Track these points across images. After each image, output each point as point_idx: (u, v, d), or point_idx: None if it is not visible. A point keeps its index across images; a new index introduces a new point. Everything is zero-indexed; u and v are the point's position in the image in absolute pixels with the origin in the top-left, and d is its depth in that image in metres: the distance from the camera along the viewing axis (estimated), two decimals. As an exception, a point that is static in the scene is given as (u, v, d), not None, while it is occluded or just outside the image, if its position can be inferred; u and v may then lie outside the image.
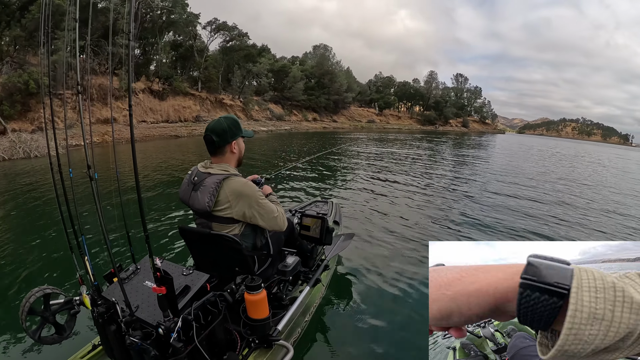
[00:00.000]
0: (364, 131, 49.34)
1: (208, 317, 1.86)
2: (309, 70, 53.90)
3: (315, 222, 2.99)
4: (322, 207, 4.42)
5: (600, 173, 18.89)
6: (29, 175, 9.34)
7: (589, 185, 12.96)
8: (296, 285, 2.80)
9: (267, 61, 44.06)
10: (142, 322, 1.74)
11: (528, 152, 32.28)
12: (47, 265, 3.68)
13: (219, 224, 2.10)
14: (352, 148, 19.29)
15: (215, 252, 2.22)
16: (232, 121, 2.17)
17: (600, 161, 29.81)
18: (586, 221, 7.54)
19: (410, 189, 9.46)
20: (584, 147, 60.05)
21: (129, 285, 1.95)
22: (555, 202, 9.26)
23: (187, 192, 2.16)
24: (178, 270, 1.97)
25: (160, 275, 1.56)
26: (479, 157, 20.11)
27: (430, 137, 41.94)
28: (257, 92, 43.12)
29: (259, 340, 2.03)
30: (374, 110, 72.33)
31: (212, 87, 36.60)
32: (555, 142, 73.70)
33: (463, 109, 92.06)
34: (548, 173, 15.84)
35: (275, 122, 40.79)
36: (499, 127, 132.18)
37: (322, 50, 59.82)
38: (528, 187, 11.07)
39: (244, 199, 2.05)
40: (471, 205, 7.90)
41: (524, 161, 21.09)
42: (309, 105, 51.11)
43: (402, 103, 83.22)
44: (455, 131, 76.91)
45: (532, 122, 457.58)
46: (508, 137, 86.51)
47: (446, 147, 26.49)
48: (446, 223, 6.43)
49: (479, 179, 12.12)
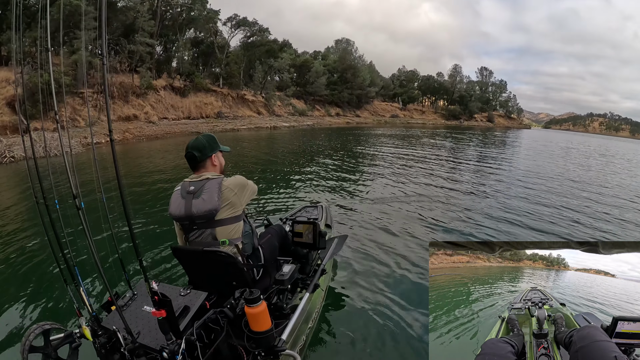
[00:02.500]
0: (388, 126, 48.68)
1: (211, 335, 1.87)
2: (332, 65, 53.50)
3: (307, 227, 2.99)
4: (312, 212, 4.44)
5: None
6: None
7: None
8: (295, 292, 2.76)
9: (289, 56, 43.90)
10: (145, 348, 1.74)
11: (566, 153, 27.73)
12: (42, 299, 3.52)
13: (223, 226, 2.17)
14: (372, 149, 18.37)
15: (211, 269, 2.24)
16: (210, 137, 2.34)
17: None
18: None
19: (430, 190, 8.89)
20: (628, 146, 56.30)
21: (127, 312, 1.95)
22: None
23: (184, 203, 2.18)
24: (175, 292, 1.99)
25: (158, 298, 1.55)
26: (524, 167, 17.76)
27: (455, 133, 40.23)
28: (279, 87, 43.04)
29: (264, 352, 1.98)
30: (397, 105, 71.50)
31: (233, 83, 36.41)
32: (585, 139, 70.69)
33: (488, 104, 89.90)
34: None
35: (298, 118, 40.48)
36: (524, 122, 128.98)
37: (345, 44, 59.38)
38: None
39: (243, 187, 2.25)
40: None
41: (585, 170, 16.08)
42: (331, 100, 50.92)
43: (426, 97, 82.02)
44: (481, 126, 75.14)
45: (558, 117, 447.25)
46: (535, 133, 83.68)
47: (473, 149, 24.49)
48: (452, 224, 6.21)
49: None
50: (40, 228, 3.38)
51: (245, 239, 2.30)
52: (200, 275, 2.40)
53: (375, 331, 3.13)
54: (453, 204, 7.53)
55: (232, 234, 2.19)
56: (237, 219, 2.20)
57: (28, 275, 3.98)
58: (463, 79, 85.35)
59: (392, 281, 3.99)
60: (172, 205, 2.25)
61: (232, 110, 33.10)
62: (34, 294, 3.61)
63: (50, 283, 3.77)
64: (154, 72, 29.01)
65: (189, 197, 2.17)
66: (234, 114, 32.95)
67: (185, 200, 2.18)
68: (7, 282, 3.83)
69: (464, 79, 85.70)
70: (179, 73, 32.08)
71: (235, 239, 2.21)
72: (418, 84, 78.94)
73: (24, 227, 5.45)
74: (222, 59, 36.22)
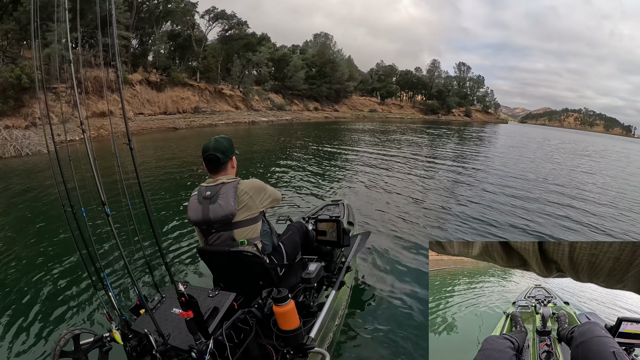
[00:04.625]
0: (366, 121, 48.84)
1: (240, 335, 1.89)
2: (310, 59, 53.27)
3: (330, 225, 3.00)
4: (334, 210, 4.43)
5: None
6: (24, 179, 8.90)
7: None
8: (321, 290, 2.77)
9: (267, 50, 43.38)
10: (176, 350, 1.76)
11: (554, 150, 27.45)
12: (72, 304, 3.58)
13: (240, 228, 2.21)
14: (350, 146, 18.46)
15: (237, 269, 2.28)
16: (229, 140, 2.38)
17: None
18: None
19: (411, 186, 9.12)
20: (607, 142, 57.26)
21: (157, 315, 1.96)
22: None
23: (201, 208, 2.22)
24: (204, 293, 2.02)
25: (185, 299, 1.58)
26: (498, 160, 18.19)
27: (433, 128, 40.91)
28: (257, 81, 42.54)
29: (293, 351, 2.00)
30: (376, 100, 71.70)
31: (211, 77, 36.03)
32: (563, 134, 72.02)
33: (466, 98, 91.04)
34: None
35: (276, 112, 40.29)
36: (501, 116, 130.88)
37: (323, 38, 59.36)
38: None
39: (259, 190, 2.27)
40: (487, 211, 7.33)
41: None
42: (310, 94, 50.71)
43: (404, 92, 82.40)
44: (458, 121, 76.15)
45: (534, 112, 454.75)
46: (512, 127, 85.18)
47: (451, 144, 25.06)
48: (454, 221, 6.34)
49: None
50: (67, 233, 3.51)
51: (264, 239, 2.34)
52: (226, 276, 2.43)
53: (403, 325, 3.17)
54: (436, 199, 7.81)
55: (250, 234, 2.23)
56: (254, 220, 2.24)
57: (57, 281, 3.99)
58: (441, 74, 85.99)
59: (408, 277, 4.06)
60: (190, 211, 2.29)
61: (209, 105, 32.79)
62: (64, 299, 3.65)
63: (80, 288, 3.81)
64: (129, 66, 28.52)
65: (205, 203, 2.21)
66: (212, 109, 32.62)
67: (202, 205, 2.21)
68: (37, 289, 3.84)
69: (442, 74, 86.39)
70: (155, 67, 31.60)
71: (254, 239, 2.25)
72: (396, 78, 79.34)
73: (50, 232, 5.33)
74: (199, 53, 35.78)
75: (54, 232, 5.27)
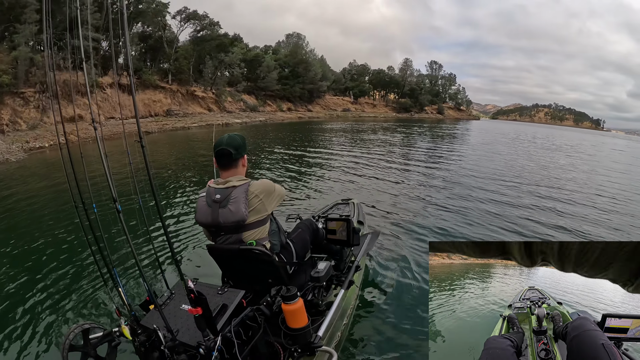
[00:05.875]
0: (340, 120, 48.99)
1: (248, 332, 1.91)
2: (283, 60, 53.29)
3: (340, 224, 2.98)
4: (344, 209, 4.41)
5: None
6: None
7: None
8: (330, 289, 2.78)
9: (240, 51, 43.27)
10: (185, 346, 1.77)
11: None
12: (82, 299, 3.62)
13: (249, 231, 2.19)
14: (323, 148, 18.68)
15: (247, 267, 2.28)
16: (243, 137, 2.35)
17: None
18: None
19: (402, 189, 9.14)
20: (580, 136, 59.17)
21: (166, 311, 1.96)
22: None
23: (210, 212, 2.19)
24: (213, 290, 2.02)
25: (194, 296, 1.59)
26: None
27: (406, 126, 41.69)
28: (229, 83, 42.29)
29: (301, 349, 2.02)
30: (349, 99, 72.30)
31: (183, 79, 35.69)
32: (536, 129, 73.99)
33: (438, 96, 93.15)
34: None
35: (250, 114, 40.18)
36: (473, 113, 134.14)
37: (296, 38, 59.41)
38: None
39: (270, 192, 2.23)
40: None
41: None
42: (283, 95, 50.65)
43: (377, 91, 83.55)
44: (431, 118, 77.32)
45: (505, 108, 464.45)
46: (484, 123, 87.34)
47: (425, 141, 25.63)
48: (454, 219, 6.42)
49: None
50: (77, 229, 3.51)
51: (272, 238, 2.32)
52: (236, 274, 2.43)
53: (413, 325, 3.16)
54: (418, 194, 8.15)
55: (258, 235, 2.21)
56: (262, 222, 2.22)
57: (68, 276, 4.04)
58: (413, 73, 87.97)
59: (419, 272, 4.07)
60: (198, 213, 2.26)
61: (182, 108, 32.59)
62: (74, 294, 3.68)
63: (90, 283, 3.84)
64: (99, 69, 28.14)
65: (215, 206, 2.16)
66: (184, 112, 32.41)
67: (212, 209, 2.17)
68: (48, 284, 3.87)
69: (414, 72, 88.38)
70: (126, 69, 31.03)
71: (262, 239, 2.23)
72: (369, 77, 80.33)
73: (61, 229, 5.41)
74: (171, 54, 35.48)
75: (66, 228, 5.38)
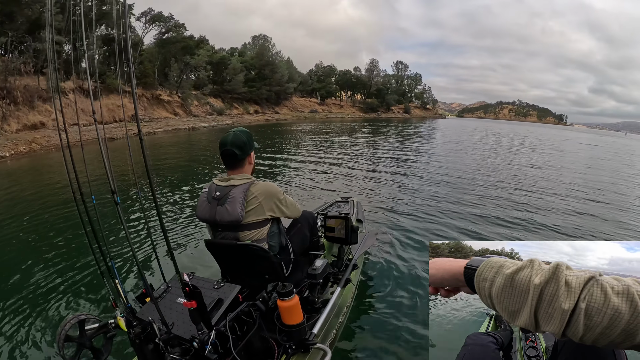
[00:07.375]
0: (307, 122, 49.24)
1: (243, 327, 1.90)
2: (249, 62, 53.07)
3: (339, 222, 3.02)
4: (344, 207, 4.40)
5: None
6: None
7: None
8: (326, 287, 2.76)
9: (206, 53, 42.74)
10: (179, 339, 1.77)
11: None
12: (79, 291, 3.68)
13: (246, 231, 2.19)
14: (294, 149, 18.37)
15: (244, 262, 2.28)
16: (248, 133, 2.31)
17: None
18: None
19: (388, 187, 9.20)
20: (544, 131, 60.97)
21: (162, 304, 1.96)
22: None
23: (209, 208, 2.23)
24: (209, 285, 2.02)
25: (189, 290, 1.60)
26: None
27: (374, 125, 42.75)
28: (195, 86, 41.67)
29: (295, 345, 2.02)
30: (316, 100, 72.98)
31: (148, 83, 35.08)
32: (502, 125, 75.83)
33: (404, 96, 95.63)
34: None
35: (217, 117, 39.81)
36: (439, 112, 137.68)
37: (262, 40, 59.24)
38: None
39: (272, 196, 2.21)
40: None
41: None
42: (250, 97, 50.38)
43: (343, 92, 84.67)
44: (398, 117, 78.66)
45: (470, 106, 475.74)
46: (449, 121, 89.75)
47: (392, 139, 26.05)
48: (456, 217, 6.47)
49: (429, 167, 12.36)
50: (75, 220, 3.37)
51: (271, 240, 2.30)
52: (233, 269, 2.42)
53: (407, 325, 3.13)
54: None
55: (255, 236, 2.20)
56: (261, 224, 2.20)
57: (65, 267, 4.06)
58: (380, 73, 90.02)
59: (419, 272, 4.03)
60: (199, 208, 2.29)
61: (147, 112, 32.08)
62: (71, 286, 3.71)
63: (87, 275, 3.86)
64: (61, 74, 27.59)
65: (214, 203, 2.19)
66: (149, 116, 31.92)
67: (211, 205, 2.20)
68: (45, 275, 3.91)
69: (380, 72, 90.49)
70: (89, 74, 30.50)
71: (259, 241, 2.21)
72: (336, 79, 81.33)
73: (58, 220, 5.50)
74: (135, 57, 34.84)
75: (64, 220, 5.46)
